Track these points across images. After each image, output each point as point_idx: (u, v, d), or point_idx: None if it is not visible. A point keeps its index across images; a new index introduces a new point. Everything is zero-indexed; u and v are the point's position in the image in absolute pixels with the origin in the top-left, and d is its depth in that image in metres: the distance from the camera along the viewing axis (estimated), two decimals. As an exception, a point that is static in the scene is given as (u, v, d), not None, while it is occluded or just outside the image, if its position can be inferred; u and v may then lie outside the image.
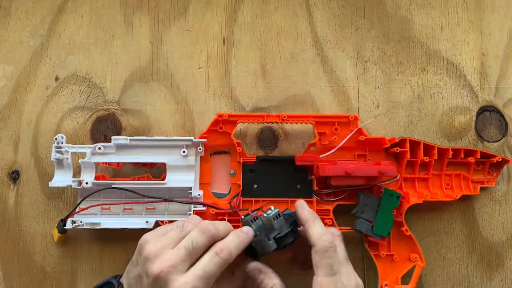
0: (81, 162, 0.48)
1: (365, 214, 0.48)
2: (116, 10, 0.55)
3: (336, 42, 0.55)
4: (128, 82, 0.54)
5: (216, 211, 0.48)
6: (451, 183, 0.51)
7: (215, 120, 0.49)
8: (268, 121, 0.49)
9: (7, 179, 0.52)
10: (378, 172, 0.46)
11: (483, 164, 0.51)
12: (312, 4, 0.55)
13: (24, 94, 0.54)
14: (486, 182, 0.51)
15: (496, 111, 0.54)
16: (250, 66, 0.54)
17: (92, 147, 0.48)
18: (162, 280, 0.37)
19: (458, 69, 0.55)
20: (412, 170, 0.50)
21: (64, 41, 0.55)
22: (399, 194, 0.48)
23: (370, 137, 0.49)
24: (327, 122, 0.50)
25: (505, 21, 0.56)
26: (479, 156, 0.50)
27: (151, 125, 0.53)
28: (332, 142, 0.49)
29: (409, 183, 0.51)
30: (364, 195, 0.48)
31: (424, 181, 0.51)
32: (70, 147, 0.49)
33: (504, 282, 0.52)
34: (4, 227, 0.52)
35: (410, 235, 0.49)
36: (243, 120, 0.49)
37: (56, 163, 0.49)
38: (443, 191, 0.51)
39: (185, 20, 0.55)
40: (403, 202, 0.48)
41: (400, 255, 0.49)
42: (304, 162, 0.49)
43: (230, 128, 0.49)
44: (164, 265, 0.38)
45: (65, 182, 0.48)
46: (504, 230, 0.52)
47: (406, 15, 0.55)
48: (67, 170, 0.49)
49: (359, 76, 0.54)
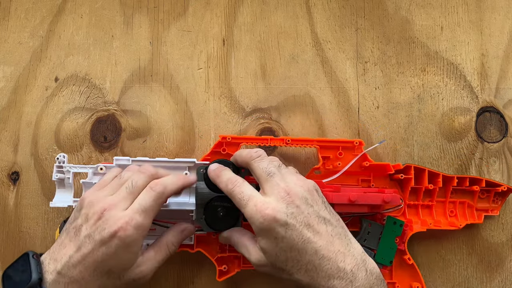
0: (82, 182, 0.47)
1: (367, 242, 0.47)
2: (116, 10, 0.55)
3: (336, 43, 0.55)
4: (127, 83, 0.54)
5: (217, 235, 0.48)
6: (455, 210, 0.50)
7: (218, 142, 0.49)
8: (272, 144, 0.49)
9: (7, 180, 0.52)
10: (382, 201, 0.45)
11: (488, 192, 0.51)
12: (312, 4, 0.55)
13: (24, 95, 0.54)
14: (491, 211, 0.51)
15: (496, 111, 0.54)
16: (250, 67, 0.54)
17: (94, 167, 0.48)
18: (103, 218, 0.39)
19: (458, 70, 0.55)
20: (416, 197, 0.50)
21: (64, 42, 0.55)
22: (402, 222, 0.47)
23: (374, 163, 0.49)
24: (331, 146, 0.49)
25: (505, 22, 0.56)
26: (484, 185, 0.49)
27: (150, 126, 0.53)
28: (336, 167, 0.49)
29: (413, 210, 0.50)
30: (367, 222, 0.48)
31: (428, 208, 0.50)
32: (72, 167, 0.48)
33: (504, 283, 0.52)
34: (4, 228, 0.52)
35: (413, 263, 0.48)
36: (247, 142, 0.49)
37: (57, 182, 0.48)
38: (447, 219, 0.50)
39: (184, 21, 0.55)
40: (406, 230, 0.48)
41: (402, 284, 0.48)
42: None
43: (233, 150, 0.48)
44: (106, 204, 0.40)
45: (66, 202, 0.47)
46: (504, 231, 0.52)
47: (406, 16, 0.55)
48: (68, 190, 0.48)
49: (359, 76, 0.54)
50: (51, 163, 0.52)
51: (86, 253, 0.39)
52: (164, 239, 0.44)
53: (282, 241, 0.39)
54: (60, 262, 0.39)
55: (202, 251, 0.48)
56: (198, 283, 0.51)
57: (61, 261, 0.39)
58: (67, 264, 0.39)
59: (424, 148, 0.53)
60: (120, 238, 0.38)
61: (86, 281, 0.39)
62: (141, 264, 0.41)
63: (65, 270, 0.38)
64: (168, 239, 0.44)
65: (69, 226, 0.41)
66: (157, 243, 0.43)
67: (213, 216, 0.45)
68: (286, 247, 0.39)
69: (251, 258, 0.41)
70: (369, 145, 0.51)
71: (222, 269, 0.47)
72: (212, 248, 0.48)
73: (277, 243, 0.39)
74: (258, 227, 0.39)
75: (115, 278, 0.40)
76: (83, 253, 0.39)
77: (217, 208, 0.45)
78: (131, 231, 0.39)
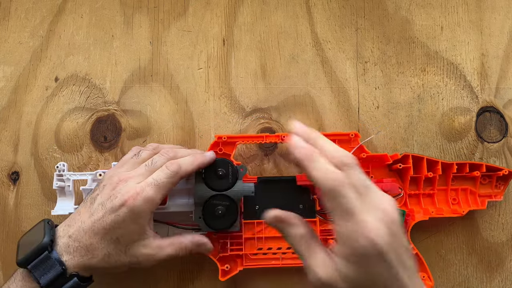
0: (82, 189, 0.47)
1: None
2: (116, 10, 0.55)
3: (336, 43, 0.55)
4: (127, 82, 0.54)
5: (218, 235, 0.48)
6: (457, 198, 0.50)
7: (214, 142, 0.49)
8: (268, 141, 0.49)
9: (7, 180, 0.52)
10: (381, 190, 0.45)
11: (489, 177, 0.50)
12: (312, 4, 0.55)
13: (24, 94, 0.54)
14: (494, 196, 0.50)
15: (496, 111, 0.54)
16: (250, 66, 0.54)
17: (93, 174, 0.48)
18: (118, 188, 0.41)
19: (458, 70, 0.55)
20: (417, 186, 0.50)
21: (64, 42, 0.55)
22: (403, 212, 0.47)
23: (371, 154, 0.49)
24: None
25: (505, 21, 0.56)
26: (484, 170, 0.49)
27: (150, 125, 0.53)
28: None
29: (414, 199, 0.50)
30: None
31: (430, 197, 0.50)
32: (72, 175, 0.49)
33: (504, 283, 0.52)
34: (4, 228, 0.52)
35: (417, 253, 0.48)
36: (243, 141, 0.49)
37: (58, 191, 0.49)
38: (450, 207, 0.50)
39: (185, 21, 0.55)
40: (408, 219, 0.47)
41: None
42: (305, 182, 0.48)
43: (230, 150, 0.49)
44: (123, 176, 0.42)
45: (67, 210, 0.48)
46: (504, 231, 0.52)
47: (406, 16, 0.55)
48: (69, 198, 0.49)
49: (359, 76, 0.54)
50: (51, 163, 0.52)
51: (96, 219, 0.40)
52: (183, 240, 0.44)
53: (371, 272, 0.33)
54: (72, 227, 0.41)
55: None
56: (198, 283, 0.51)
57: (74, 226, 0.41)
58: (78, 229, 0.41)
59: (424, 148, 0.53)
60: (128, 207, 0.40)
61: (94, 247, 0.40)
62: (150, 247, 0.42)
63: (75, 234, 0.41)
64: (185, 243, 0.44)
65: (88, 197, 0.43)
66: (174, 239, 0.44)
67: (212, 215, 0.45)
68: (372, 279, 0.33)
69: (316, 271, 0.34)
70: (369, 144, 0.51)
71: (225, 269, 0.47)
72: (213, 248, 0.48)
73: (364, 271, 0.33)
74: (352, 248, 0.33)
75: (121, 250, 0.41)
76: (94, 219, 0.40)
77: (215, 207, 0.45)
78: (140, 201, 0.40)
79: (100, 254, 0.40)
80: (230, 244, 0.48)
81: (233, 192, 0.46)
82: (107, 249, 0.41)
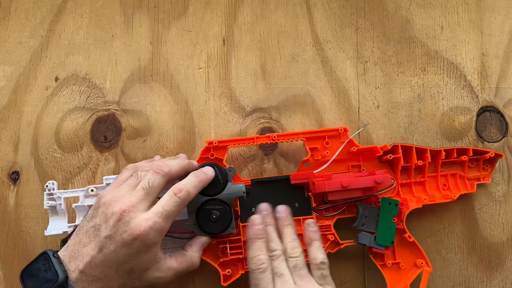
0: (74, 206, 0.47)
1: (366, 226, 0.48)
2: (116, 10, 0.55)
3: (336, 42, 0.55)
4: (128, 82, 0.54)
5: (216, 241, 0.48)
6: (447, 183, 0.51)
7: (205, 148, 0.48)
8: (258, 142, 0.49)
9: (7, 180, 0.52)
10: (374, 182, 0.46)
11: (477, 161, 0.51)
12: (312, 4, 0.55)
13: (24, 94, 0.54)
14: (482, 178, 0.51)
15: (497, 111, 0.54)
16: (250, 66, 0.54)
17: (84, 190, 0.47)
18: (124, 220, 0.40)
19: (459, 69, 0.55)
20: (408, 175, 0.50)
21: (64, 42, 0.54)
22: (397, 202, 0.48)
23: (362, 147, 0.49)
24: (317, 137, 0.49)
25: (505, 21, 0.56)
26: (471, 154, 0.50)
27: (151, 125, 0.53)
28: (325, 156, 0.49)
29: (406, 188, 0.51)
30: (363, 207, 0.48)
31: (421, 185, 0.51)
32: (62, 193, 0.47)
33: (504, 283, 0.52)
34: (5, 227, 0.52)
35: (414, 240, 0.48)
36: (234, 145, 0.49)
37: (49, 210, 0.47)
38: (441, 192, 0.50)
39: (185, 21, 0.55)
40: (402, 209, 0.48)
41: (406, 262, 0.48)
42: (299, 180, 0.48)
43: (221, 154, 0.48)
44: (125, 205, 0.40)
45: (60, 229, 0.47)
46: (504, 230, 0.52)
47: (406, 15, 0.55)
48: (62, 216, 0.47)
49: (359, 76, 0.54)
50: (51, 163, 0.52)
51: (108, 254, 0.39)
52: (188, 254, 0.45)
53: None
54: (82, 261, 0.40)
55: (204, 258, 0.47)
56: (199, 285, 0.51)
57: (82, 260, 0.40)
58: (89, 264, 0.39)
59: (424, 148, 0.53)
60: (142, 241, 0.40)
61: (109, 278, 0.40)
62: (161, 270, 0.42)
63: (87, 269, 0.39)
64: (192, 254, 0.45)
65: (86, 223, 0.42)
66: (181, 256, 0.44)
67: (206, 220, 0.45)
68: None
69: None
70: (369, 144, 0.51)
71: (226, 274, 0.47)
72: (213, 254, 0.48)
73: None
74: None
75: (135, 277, 0.41)
76: (105, 253, 0.39)
77: (209, 212, 0.45)
78: (153, 234, 0.40)
79: (115, 284, 0.41)
80: (229, 248, 0.47)
81: (225, 195, 0.46)
82: (122, 279, 0.41)
